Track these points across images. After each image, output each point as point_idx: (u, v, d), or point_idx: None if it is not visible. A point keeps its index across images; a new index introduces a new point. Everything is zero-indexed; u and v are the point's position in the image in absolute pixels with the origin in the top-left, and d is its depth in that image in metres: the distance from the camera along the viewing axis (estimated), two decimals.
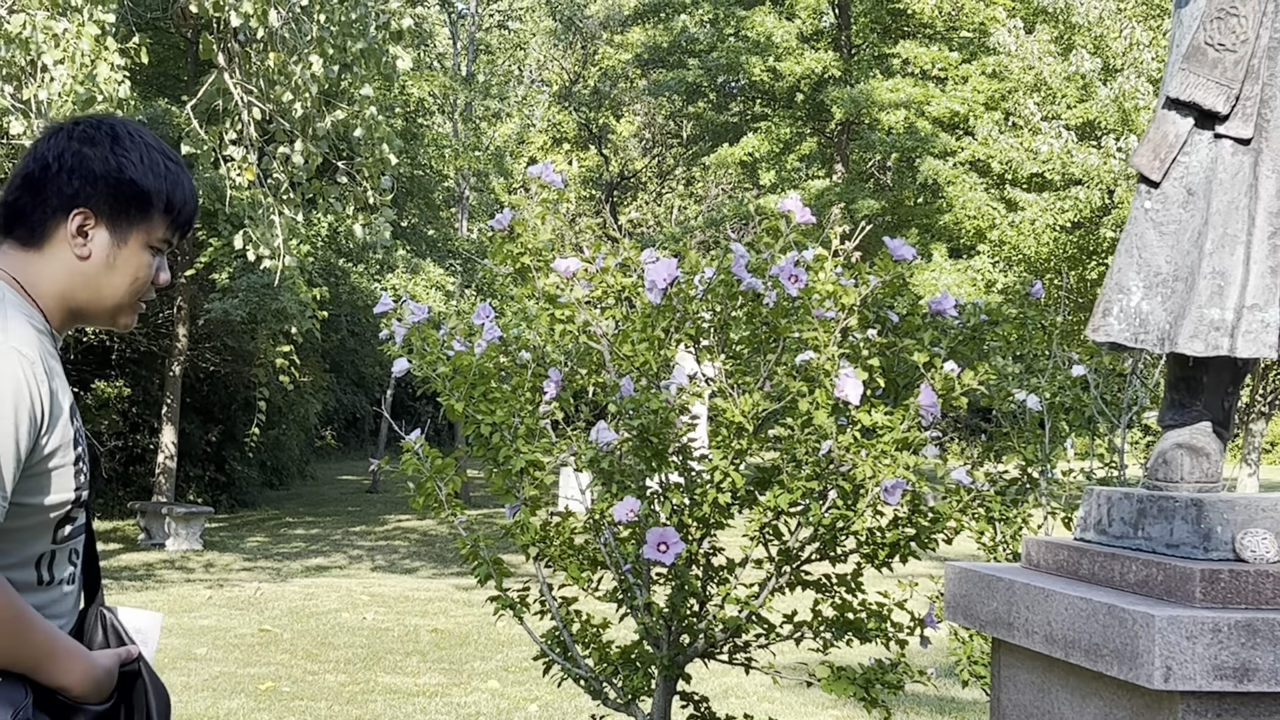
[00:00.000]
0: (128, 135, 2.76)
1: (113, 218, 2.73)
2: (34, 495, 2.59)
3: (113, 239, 2.74)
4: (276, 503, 28.62)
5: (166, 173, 2.77)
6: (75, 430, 2.67)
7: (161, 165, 2.77)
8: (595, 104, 44.17)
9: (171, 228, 2.80)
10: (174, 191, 2.78)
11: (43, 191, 2.71)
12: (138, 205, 2.74)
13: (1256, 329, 3.25)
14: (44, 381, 2.56)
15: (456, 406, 5.46)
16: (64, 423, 2.62)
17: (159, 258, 2.82)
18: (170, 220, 2.79)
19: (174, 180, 2.79)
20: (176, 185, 2.79)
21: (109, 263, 2.73)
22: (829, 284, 5.28)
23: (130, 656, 2.81)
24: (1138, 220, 3.40)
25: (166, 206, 2.77)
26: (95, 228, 2.72)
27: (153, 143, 2.79)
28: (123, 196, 2.72)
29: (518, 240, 5.57)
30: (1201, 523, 3.09)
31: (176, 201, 2.79)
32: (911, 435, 5.04)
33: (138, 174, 2.73)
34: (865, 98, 29.74)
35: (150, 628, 2.98)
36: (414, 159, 25.20)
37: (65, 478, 2.63)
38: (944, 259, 27.64)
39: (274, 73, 14.33)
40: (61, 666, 2.61)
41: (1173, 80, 3.37)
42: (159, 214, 2.77)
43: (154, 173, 2.75)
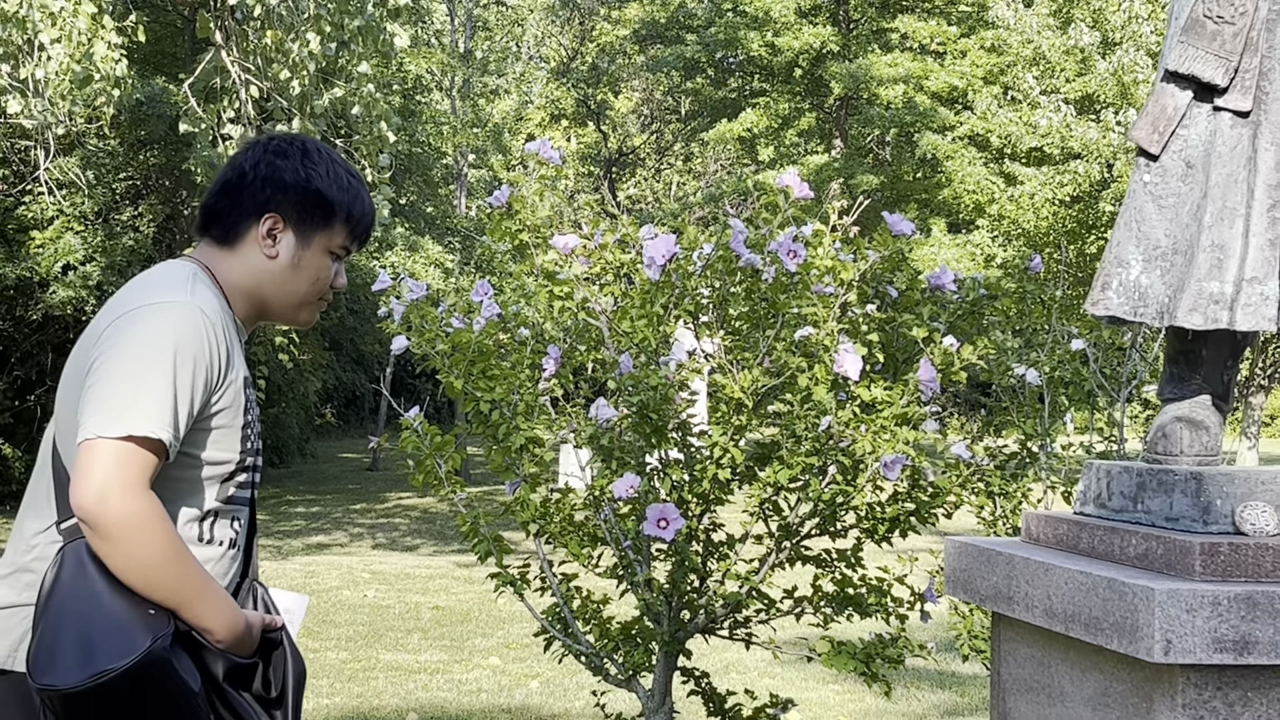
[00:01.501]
0: (316, 151, 3.07)
1: (299, 223, 3.03)
2: (199, 448, 2.85)
3: (298, 242, 3.03)
4: (277, 481, 28.63)
5: (349, 186, 3.07)
6: (248, 399, 2.93)
7: (345, 180, 3.07)
8: (593, 80, 44.08)
9: (350, 236, 3.10)
10: (354, 204, 3.08)
11: (238, 197, 3.01)
12: (322, 213, 3.03)
13: (1256, 302, 3.24)
14: (222, 342, 2.83)
15: (455, 384, 5.45)
16: (237, 388, 2.88)
17: (338, 263, 3.11)
18: (350, 229, 3.09)
19: (354, 194, 3.08)
20: (357, 198, 3.08)
21: (294, 264, 3.03)
22: (828, 259, 5.28)
23: (275, 624, 2.99)
24: (1136, 194, 3.40)
25: (347, 217, 3.07)
26: (283, 231, 3.02)
27: (338, 161, 3.10)
28: (309, 204, 3.02)
29: (516, 217, 5.57)
30: (1201, 496, 3.09)
31: (356, 213, 3.08)
32: (911, 410, 5.04)
33: (324, 185, 3.02)
34: (864, 72, 29.69)
35: (297, 608, 3.22)
36: (412, 136, 25.14)
37: (231, 438, 2.89)
38: (943, 234, 27.62)
39: (271, 50, 14.31)
40: (208, 609, 2.77)
41: (1171, 53, 3.36)
42: (340, 223, 3.06)
43: (338, 186, 3.05)
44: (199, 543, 2.88)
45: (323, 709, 8.90)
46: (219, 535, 2.93)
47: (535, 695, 9.43)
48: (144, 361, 2.73)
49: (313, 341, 27.25)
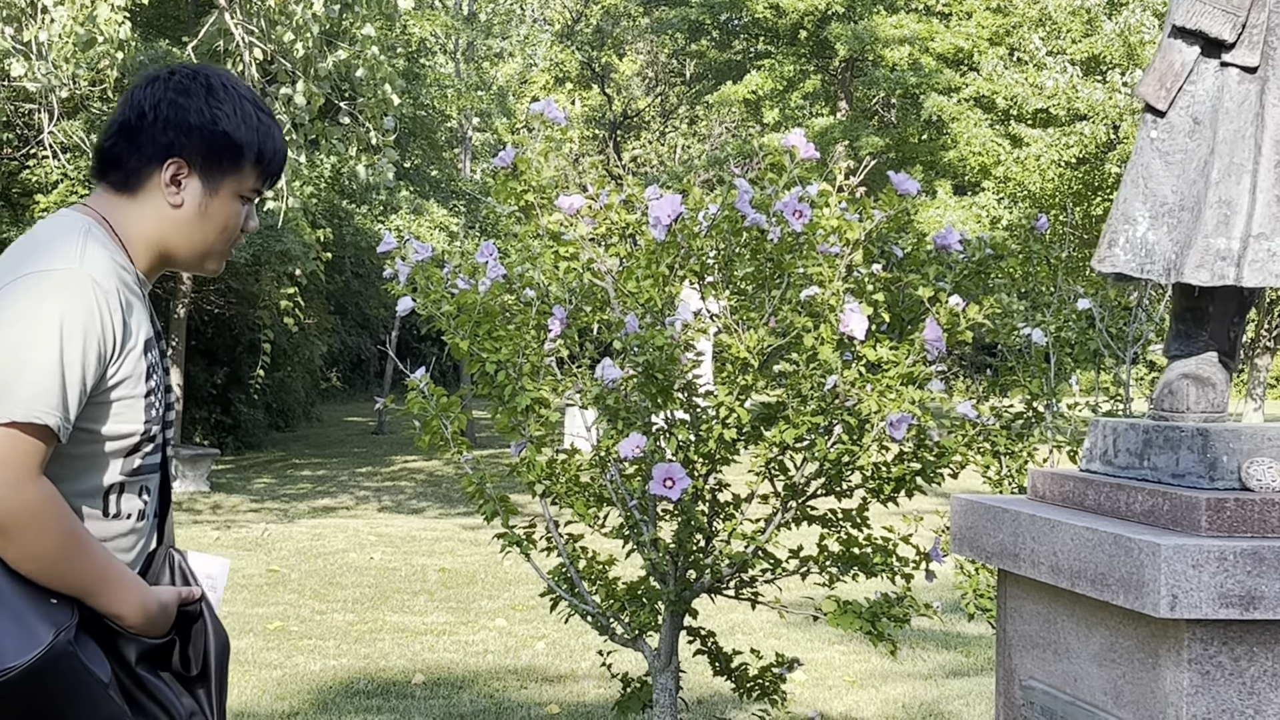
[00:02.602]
0: (222, 87, 2.84)
1: (205, 168, 2.82)
2: (98, 422, 2.66)
3: (205, 188, 2.83)
4: (283, 444, 28.68)
5: (259, 124, 2.86)
6: (150, 364, 2.74)
7: (254, 117, 2.85)
8: (598, 43, 43.97)
9: (261, 177, 2.90)
10: (265, 142, 2.86)
11: (138, 140, 2.80)
12: (230, 156, 2.82)
13: (1263, 258, 3.24)
14: (116, 310, 2.64)
15: (461, 345, 5.45)
16: (136, 355, 2.69)
17: (248, 205, 2.92)
18: (261, 170, 2.88)
19: (265, 131, 2.87)
20: (268, 136, 2.87)
21: (201, 211, 2.83)
22: (833, 219, 5.27)
23: (192, 597, 2.86)
24: (1143, 150, 3.39)
25: (258, 157, 2.86)
26: (189, 177, 2.81)
27: (245, 94, 2.88)
28: (216, 147, 2.81)
29: (521, 178, 5.55)
30: (1207, 452, 3.09)
31: (267, 152, 2.87)
32: (917, 370, 5.04)
33: (231, 126, 2.81)
34: (869, 34, 29.60)
35: (219, 573, 3.04)
36: (416, 99, 25.09)
37: (134, 409, 2.70)
38: (949, 196, 27.58)
39: (275, 12, 14.26)
40: (115, 594, 2.65)
41: (1179, 8, 3.35)
42: (250, 164, 2.86)
43: (246, 124, 2.83)
44: (105, 517, 2.72)
45: (330, 670, 8.93)
46: (125, 508, 2.76)
47: (541, 656, 9.46)
48: (27, 339, 2.54)
49: (318, 305, 27.27)
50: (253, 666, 8.97)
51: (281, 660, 9.19)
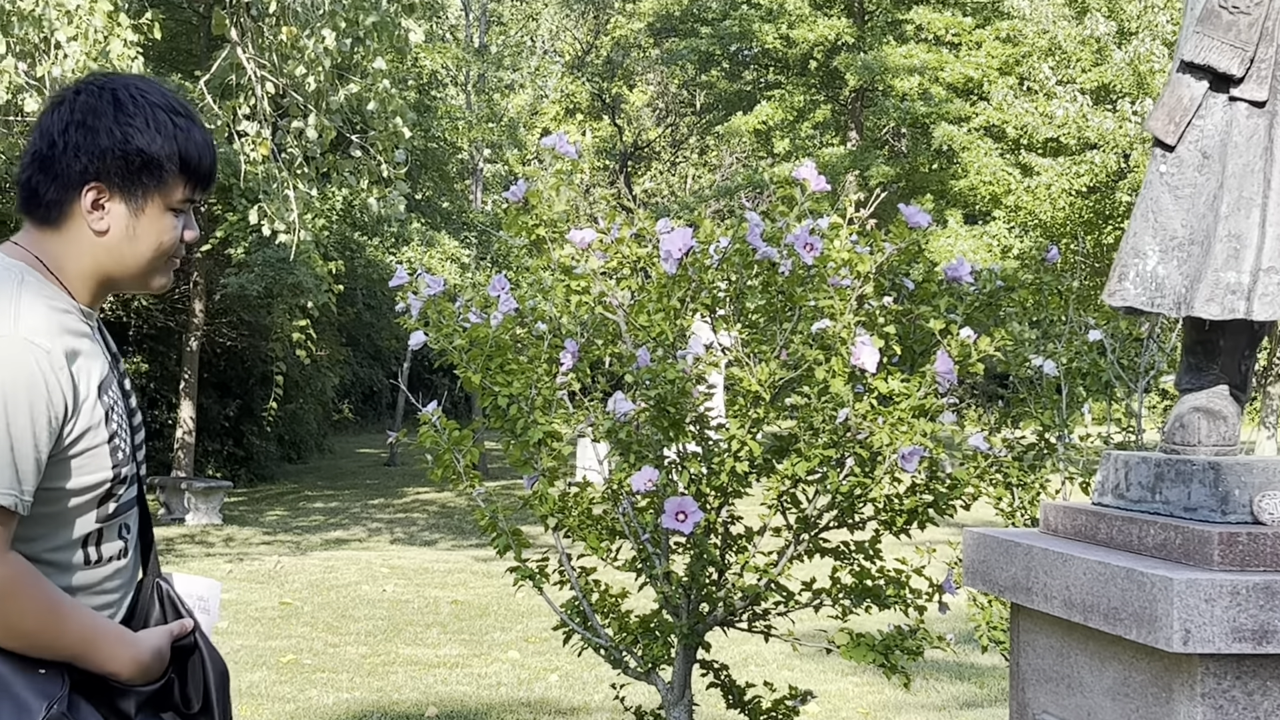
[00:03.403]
0: (130, 99, 2.68)
1: (126, 188, 2.67)
2: (64, 480, 2.57)
3: (129, 209, 2.68)
4: (295, 476, 28.70)
5: (176, 131, 2.69)
6: (109, 407, 2.64)
7: (169, 124, 2.68)
8: (608, 74, 44.10)
9: (190, 185, 2.73)
10: (186, 149, 2.70)
11: (52, 170, 2.66)
12: (149, 172, 2.67)
13: (1273, 291, 3.24)
14: (62, 369, 2.53)
15: (473, 378, 5.47)
16: (90, 404, 2.58)
17: (183, 217, 2.76)
18: (187, 178, 2.72)
19: (184, 137, 2.70)
20: (188, 141, 2.70)
21: (129, 234, 2.69)
22: (844, 251, 5.29)
23: (184, 630, 2.80)
24: (1153, 184, 3.40)
25: (181, 166, 2.70)
26: (110, 201, 2.67)
27: (157, 100, 2.70)
28: (133, 166, 2.66)
29: (532, 212, 5.57)
30: (1219, 485, 3.09)
31: (191, 159, 2.71)
32: (928, 402, 5.04)
33: (144, 140, 2.65)
34: (879, 64, 29.67)
35: (210, 594, 2.96)
36: (427, 131, 25.17)
37: (99, 457, 2.61)
38: (959, 225, 27.61)
39: (287, 47, 14.33)
40: (105, 653, 2.60)
41: (1187, 43, 3.36)
42: (174, 176, 2.69)
43: (162, 134, 2.67)
44: (87, 565, 2.66)
45: (343, 704, 8.92)
46: (106, 552, 2.70)
47: (554, 688, 9.45)
48: None
49: (330, 337, 27.33)
50: (266, 700, 8.97)
51: (294, 694, 9.19)
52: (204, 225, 20.66)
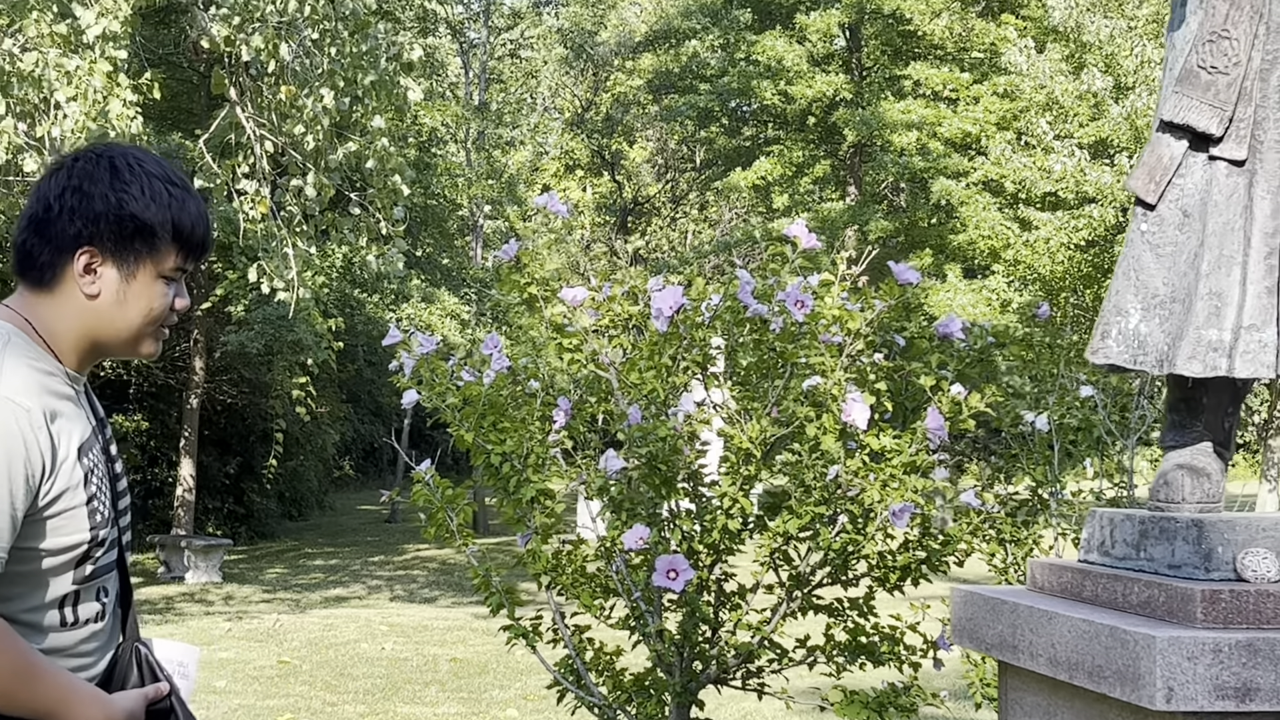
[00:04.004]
0: (127, 167, 2.71)
1: (118, 254, 2.69)
2: (40, 540, 2.57)
3: (120, 275, 2.70)
4: (295, 534, 28.64)
5: (170, 200, 2.72)
6: (89, 469, 2.64)
7: (164, 193, 2.71)
8: (608, 130, 44.28)
9: (183, 254, 2.75)
10: (180, 218, 2.72)
11: (48, 233, 2.68)
12: (142, 238, 2.69)
13: (1254, 349, 3.26)
14: (40, 428, 2.54)
15: (466, 437, 5.48)
16: (70, 465, 2.59)
17: (174, 285, 2.78)
18: (180, 247, 2.74)
19: (179, 206, 2.72)
20: (182, 211, 2.73)
21: (119, 299, 2.70)
22: (835, 309, 5.31)
23: (160, 694, 2.77)
24: (1134, 243, 3.42)
25: (174, 235, 2.72)
26: (102, 265, 2.68)
27: (154, 170, 2.74)
28: (126, 232, 2.68)
29: (524, 271, 5.60)
30: (1203, 543, 3.10)
31: (184, 228, 2.73)
32: (920, 458, 5.05)
33: (139, 207, 2.68)
34: (877, 120, 29.78)
35: (190, 660, 2.93)
36: (427, 188, 25.26)
37: (77, 519, 2.61)
38: (959, 279, 27.63)
39: (286, 106, 14.41)
40: (77, 713, 2.58)
41: (1166, 103, 3.39)
42: (166, 244, 2.72)
43: (157, 202, 2.70)
44: (63, 627, 2.65)
45: None
46: (84, 614, 2.69)
47: None
48: None
49: (330, 394, 27.35)
50: None
51: None
52: (204, 283, 20.71)
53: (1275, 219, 3.30)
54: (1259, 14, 3.35)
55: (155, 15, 18.67)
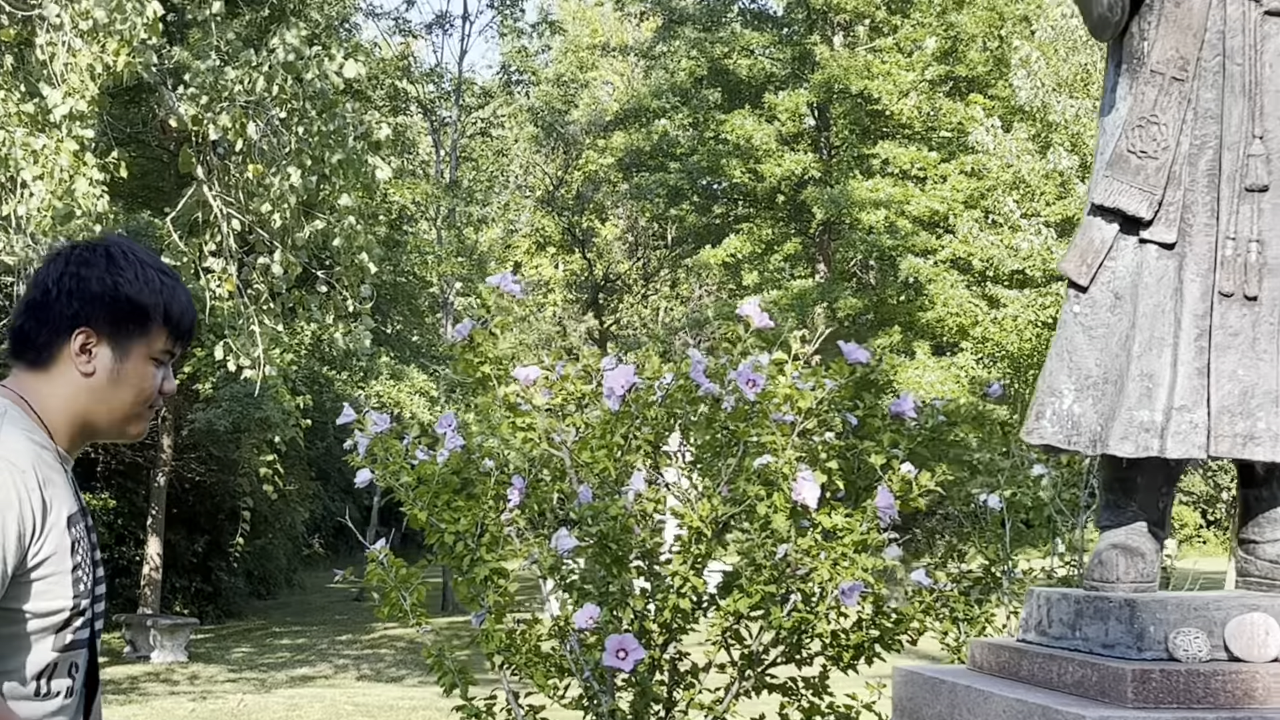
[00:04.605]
0: (122, 255, 2.82)
1: (113, 334, 2.79)
2: (24, 601, 2.64)
3: (115, 354, 2.80)
4: (263, 612, 28.46)
5: (162, 286, 2.83)
6: (75, 539, 2.72)
7: (157, 280, 2.83)
8: (579, 208, 44.43)
9: (171, 339, 2.86)
10: (170, 304, 2.83)
11: (46, 315, 2.78)
12: (136, 320, 2.79)
13: (1185, 430, 3.29)
14: (34, 490, 2.63)
15: (420, 515, 5.49)
16: (60, 530, 2.67)
17: (162, 368, 2.88)
18: (169, 331, 2.84)
19: (170, 293, 2.84)
20: (173, 298, 2.84)
21: (113, 377, 2.80)
22: (786, 388, 5.33)
23: None
24: (1067, 324, 3.46)
25: (165, 318, 2.83)
26: (97, 345, 2.78)
27: (147, 259, 2.85)
28: (121, 313, 2.79)
29: (477, 350, 5.62)
30: (1135, 623, 3.12)
31: (174, 313, 2.84)
32: (871, 537, 5.07)
33: (133, 290, 2.79)
34: (845, 198, 29.91)
35: None
36: (397, 266, 25.30)
37: (61, 585, 2.68)
38: (928, 356, 27.71)
39: (253, 184, 14.45)
40: None
41: (1097, 187, 3.44)
42: (157, 326, 2.82)
43: (149, 288, 2.81)
44: (35, 697, 2.69)
45: None
46: (55, 687, 2.73)
47: None
48: None
49: (299, 472, 27.26)
50: None
51: None
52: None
53: (1205, 301, 3.35)
54: (1187, 100, 3.41)
55: (125, 94, 18.75)
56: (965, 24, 30.02)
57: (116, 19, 12.51)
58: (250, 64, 14.13)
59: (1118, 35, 3.56)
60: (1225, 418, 3.29)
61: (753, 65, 33.38)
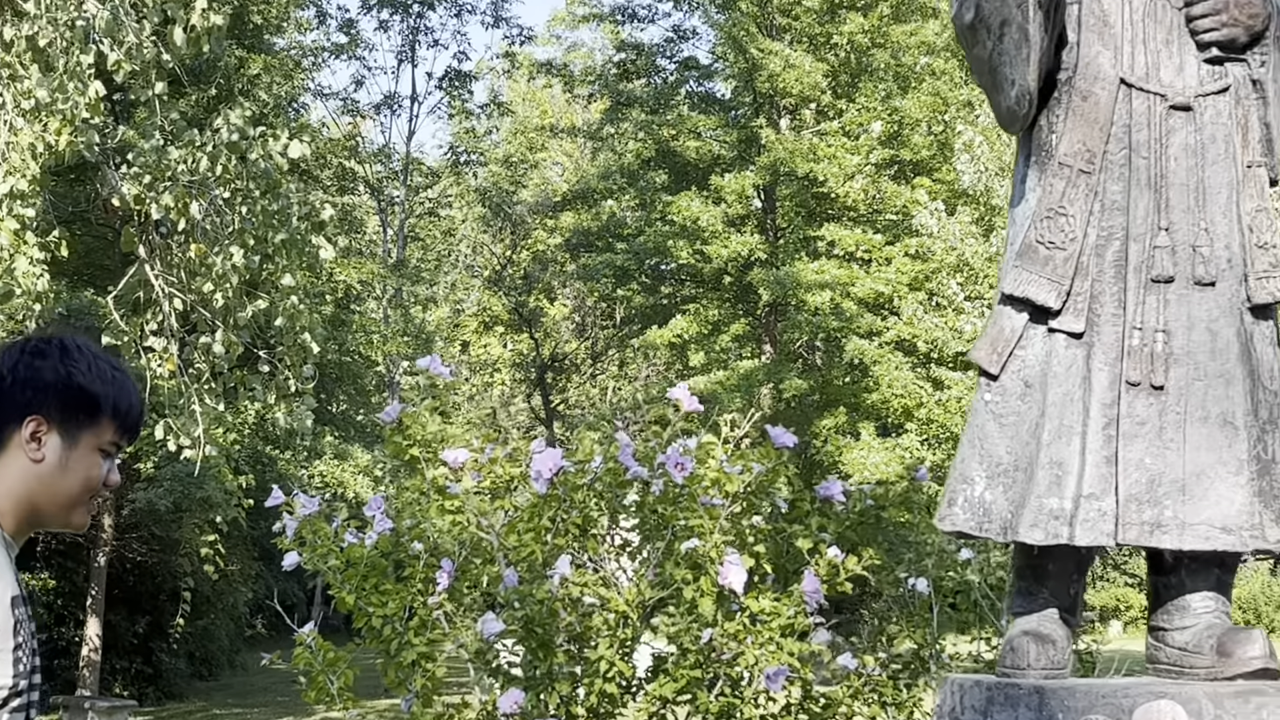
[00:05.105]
0: (75, 347, 2.90)
1: (63, 423, 2.85)
2: None
3: (64, 443, 2.85)
4: (205, 694, 28.12)
5: (113, 379, 2.90)
6: (17, 619, 2.75)
7: (108, 373, 2.89)
8: (526, 288, 44.49)
9: (119, 431, 2.91)
10: (120, 397, 2.89)
11: None
12: (86, 410, 2.86)
13: (1094, 517, 3.33)
14: None
15: (347, 599, 5.47)
16: (5, 610, 2.71)
17: (108, 460, 2.92)
18: (118, 424, 2.90)
19: (120, 386, 2.90)
20: (122, 391, 2.90)
21: (62, 465, 2.85)
22: (714, 471, 5.36)
23: None
24: (979, 412, 3.50)
25: (114, 411, 2.89)
26: (48, 433, 2.84)
27: (99, 354, 2.92)
28: (72, 402, 2.85)
29: (406, 433, 5.63)
30: (1044, 710, 3.14)
31: (123, 406, 2.90)
32: (798, 621, 5.08)
33: (86, 380, 2.86)
34: (791, 279, 30.05)
35: None
36: (342, 345, 25.25)
37: (3, 664, 2.70)
38: (872, 438, 27.80)
39: (195, 264, 14.42)
40: None
41: (1007, 277, 3.49)
42: (106, 418, 2.88)
43: (101, 380, 2.87)
44: None
45: None
46: None
47: None
48: None
49: (242, 552, 27.02)
50: None
51: None
52: None
53: (1113, 390, 3.39)
54: (1094, 192, 3.47)
55: (68, 172, 18.72)
56: (910, 109, 30.35)
57: (59, 98, 12.52)
58: (194, 143, 14.12)
59: (1026, 128, 3.63)
60: (1133, 506, 3.33)
61: (700, 147, 33.61)
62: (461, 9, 35.57)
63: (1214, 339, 3.44)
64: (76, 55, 12.77)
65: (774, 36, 32.37)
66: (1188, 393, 3.40)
